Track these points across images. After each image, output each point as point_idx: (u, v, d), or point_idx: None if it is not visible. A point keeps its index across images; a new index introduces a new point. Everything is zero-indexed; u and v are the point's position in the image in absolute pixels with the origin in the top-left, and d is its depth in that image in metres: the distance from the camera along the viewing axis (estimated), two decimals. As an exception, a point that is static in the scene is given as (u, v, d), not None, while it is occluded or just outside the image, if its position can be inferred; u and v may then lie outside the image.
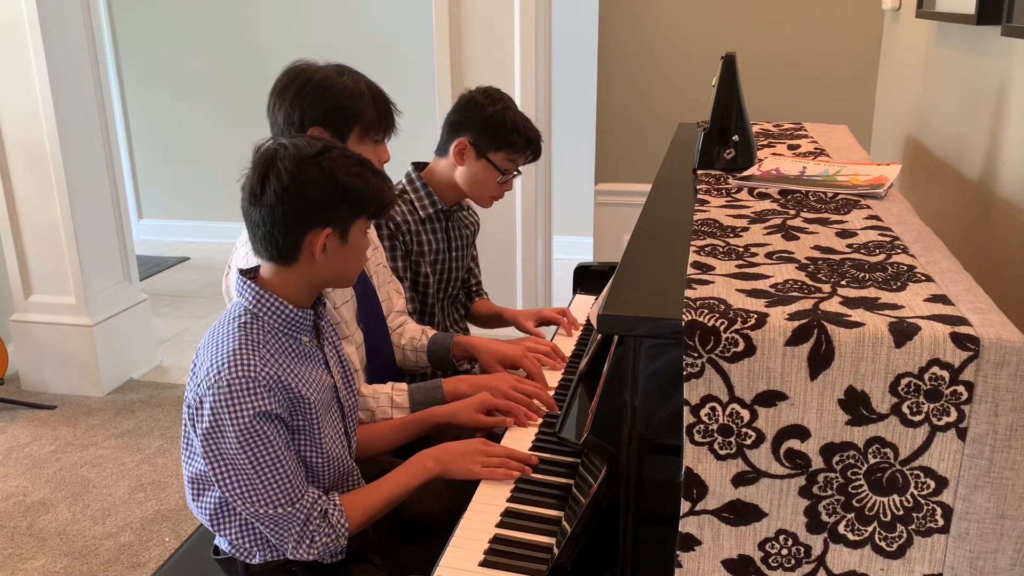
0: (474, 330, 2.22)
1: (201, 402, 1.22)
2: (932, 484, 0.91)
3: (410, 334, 1.82)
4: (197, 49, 5.00)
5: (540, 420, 1.54)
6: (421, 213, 1.97)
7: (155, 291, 4.39)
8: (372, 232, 1.82)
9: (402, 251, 1.93)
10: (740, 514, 0.95)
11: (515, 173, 2.00)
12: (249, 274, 1.30)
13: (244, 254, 1.50)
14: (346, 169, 1.25)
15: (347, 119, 1.56)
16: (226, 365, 1.21)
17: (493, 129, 1.93)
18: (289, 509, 1.25)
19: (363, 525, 1.33)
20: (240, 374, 1.20)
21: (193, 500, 1.34)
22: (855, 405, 0.91)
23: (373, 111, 1.58)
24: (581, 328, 2.01)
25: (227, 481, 1.23)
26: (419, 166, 2.02)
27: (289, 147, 1.24)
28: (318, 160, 1.23)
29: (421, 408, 1.59)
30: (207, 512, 1.32)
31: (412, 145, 2.39)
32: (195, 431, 1.25)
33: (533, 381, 1.65)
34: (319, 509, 1.28)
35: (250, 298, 1.27)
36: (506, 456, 1.38)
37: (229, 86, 5.02)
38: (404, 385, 1.62)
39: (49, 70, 2.98)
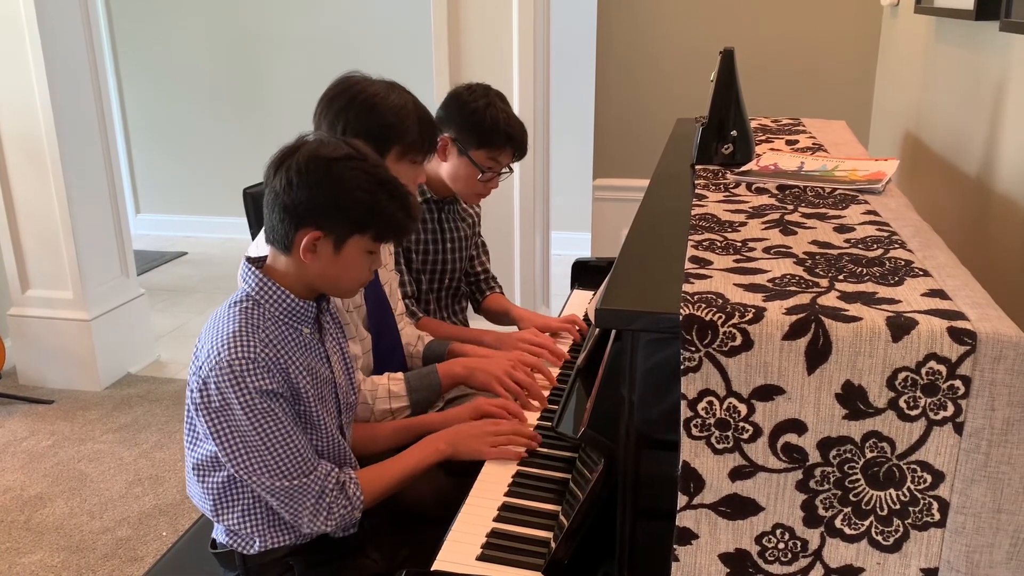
0: (486, 325, 2.20)
1: (205, 384, 1.23)
2: (929, 478, 0.91)
3: (406, 340, 1.81)
4: (195, 44, 4.99)
5: (538, 415, 1.55)
6: None
7: (152, 286, 4.38)
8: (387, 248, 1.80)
9: None
10: (737, 508, 0.96)
11: (502, 171, 1.96)
12: (256, 262, 1.31)
13: (264, 245, 1.50)
14: (359, 184, 1.24)
15: (389, 137, 1.55)
16: (226, 347, 1.22)
17: (474, 126, 1.89)
18: (304, 480, 1.26)
19: (376, 500, 1.35)
20: (240, 355, 1.21)
21: (199, 485, 1.34)
22: (852, 399, 0.91)
23: (416, 133, 1.57)
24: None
25: (240, 458, 1.24)
26: None
27: (313, 144, 1.25)
28: (332, 164, 1.23)
29: (418, 395, 1.60)
30: (211, 495, 1.32)
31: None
32: (199, 414, 1.25)
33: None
34: (335, 480, 1.29)
35: (253, 284, 1.28)
36: (513, 433, 1.40)
37: (227, 80, 5.01)
38: (400, 374, 1.62)
39: (47, 65, 2.97)
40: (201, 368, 1.25)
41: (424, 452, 1.40)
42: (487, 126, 1.89)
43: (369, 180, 1.25)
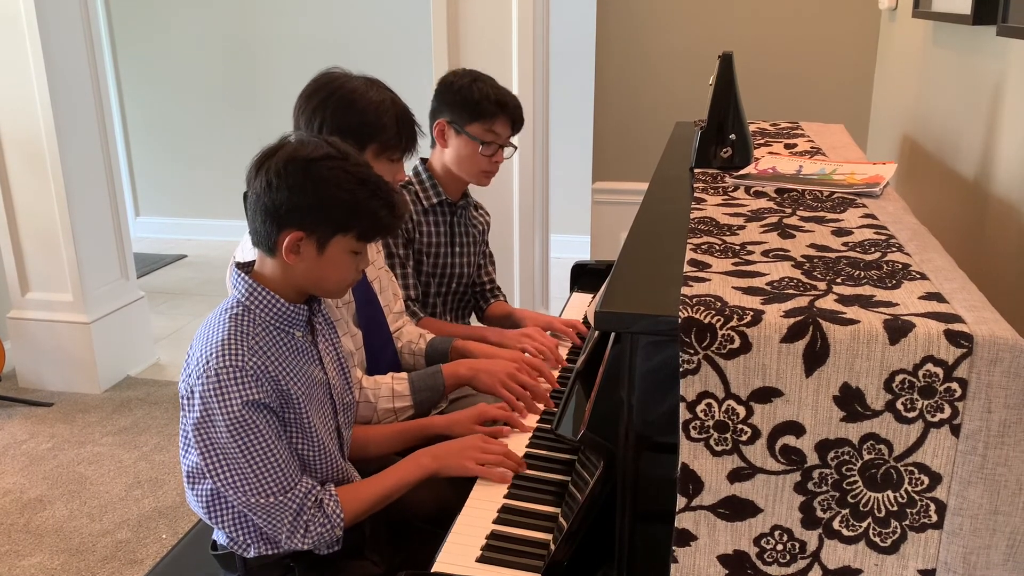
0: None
1: (192, 392, 1.24)
2: (926, 480, 0.92)
3: (407, 337, 1.82)
4: (195, 46, 5.00)
5: (538, 416, 1.55)
6: (424, 203, 1.98)
7: (152, 288, 4.38)
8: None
9: (404, 238, 1.94)
10: (736, 510, 0.96)
11: (504, 145, 1.97)
12: (245, 268, 1.31)
13: (250, 248, 1.50)
14: (339, 183, 1.23)
15: (366, 135, 1.55)
16: (215, 355, 1.22)
17: (464, 102, 1.92)
18: (281, 498, 1.25)
19: (358, 518, 1.34)
20: (228, 363, 1.21)
21: (190, 491, 1.34)
22: (850, 402, 0.91)
23: (395, 130, 1.57)
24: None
25: (218, 471, 1.24)
26: (425, 160, 2.03)
27: (293, 144, 1.25)
28: (311, 165, 1.23)
29: (422, 395, 1.59)
30: (203, 503, 1.32)
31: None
32: (188, 421, 1.26)
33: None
34: (313, 498, 1.28)
35: (243, 290, 1.28)
36: (503, 455, 1.38)
37: (226, 83, 5.02)
38: (404, 374, 1.62)
39: (47, 67, 2.98)
40: (190, 376, 1.25)
41: (408, 468, 1.38)
42: (476, 98, 1.92)
43: (350, 179, 1.24)
